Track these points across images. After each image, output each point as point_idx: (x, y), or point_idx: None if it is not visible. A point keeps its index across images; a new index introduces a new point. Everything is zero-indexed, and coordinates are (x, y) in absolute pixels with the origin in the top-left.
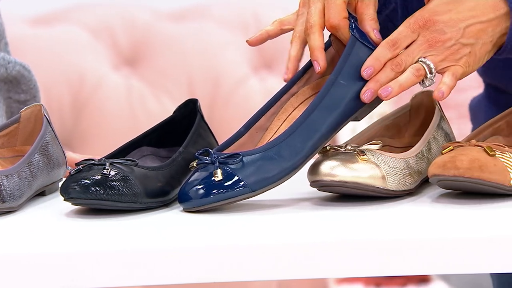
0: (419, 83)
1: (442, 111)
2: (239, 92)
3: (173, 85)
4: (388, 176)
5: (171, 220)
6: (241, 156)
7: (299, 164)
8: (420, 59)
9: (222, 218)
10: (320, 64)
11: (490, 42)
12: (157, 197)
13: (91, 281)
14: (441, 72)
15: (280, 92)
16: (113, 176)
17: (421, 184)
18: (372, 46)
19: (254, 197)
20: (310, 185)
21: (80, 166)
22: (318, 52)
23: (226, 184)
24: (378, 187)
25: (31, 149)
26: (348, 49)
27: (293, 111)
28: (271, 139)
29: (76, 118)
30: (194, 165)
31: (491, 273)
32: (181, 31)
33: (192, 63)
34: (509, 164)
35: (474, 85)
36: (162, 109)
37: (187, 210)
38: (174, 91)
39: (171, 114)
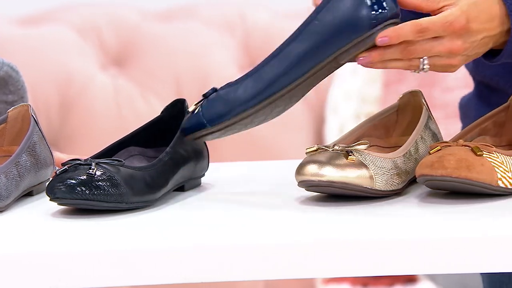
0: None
1: (430, 111)
2: None
3: (160, 85)
4: (375, 176)
5: (157, 220)
6: (216, 91)
7: (257, 101)
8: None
9: (208, 218)
10: None
11: (482, 52)
12: (143, 197)
13: (78, 281)
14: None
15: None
16: (99, 176)
17: (408, 184)
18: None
19: (240, 198)
20: (297, 185)
21: (66, 166)
22: None
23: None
24: (365, 187)
25: (18, 149)
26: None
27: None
28: None
29: (63, 118)
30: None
31: (481, 273)
32: (169, 32)
33: (179, 63)
34: (496, 164)
35: (461, 85)
36: (150, 109)
37: None
38: (161, 91)
39: (159, 114)
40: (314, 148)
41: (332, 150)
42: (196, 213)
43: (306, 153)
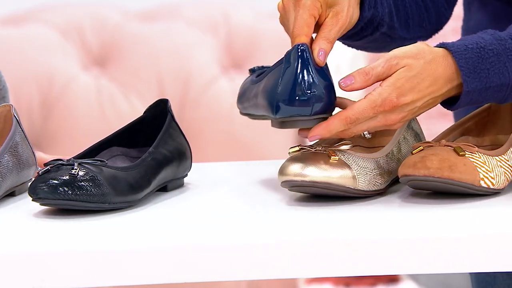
0: None
1: None
2: (209, 92)
3: (143, 86)
4: (358, 176)
5: (140, 221)
6: None
7: None
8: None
9: (191, 219)
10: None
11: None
12: (126, 198)
13: (61, 281)
14: None
15: None
16: (81, 176)
17: (391, 184)
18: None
19: (223, 198)
20: (280, 185)
21: (48, 167)
22: None
23: None
24: (348, 187)
25: (0, 150)
26: (282, 61)
27: None
28: None
29: (45, 118)
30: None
31: (469, 273)
32: (151, 32)
33: (162, 64)
34: (479, 164)
35: None
36: (132, 109)
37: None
38: (144, 91)
39: (141, 114)
40: (297, 148)
41: (315, 150)
42: (178, 213)
43: (289, 153)
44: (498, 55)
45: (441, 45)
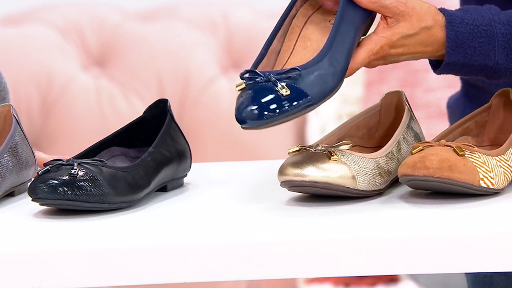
0: None
1: (412, 111)
2: (208, 92)
3: (142, 85)
4: (358, 176)
5: (140, 221)
6: (300, 71)
7: (344, 71)
8: None
9: (190, 219)
10: None
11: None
12: (125, 198)
13: (60, 281)
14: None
15: (282, 16)
16: (81, 176)
17: (391, 184)
18: None
19: (222, 198)
20: (280, 185)
21: (48, 167)
22: None
23: (294, 97)
24: (348, 187)
25: (0, 150)
26: None
27: (301, 31)
28: (290, 59)
29: (45, 118)
30: (243, 86)
31: (466, 274)
32: (150, 31)
33: (161, 63)
34: (478, 164)
35: (443, 85)
36: (132, 109)
37: (255, 127)
38: (143, 91)
39: (141, 114)
40: (297, 148)
41: (315, 150)
42: (178, 214)
43: (288, 153)
44: (490, 37)
45: (442, 11)
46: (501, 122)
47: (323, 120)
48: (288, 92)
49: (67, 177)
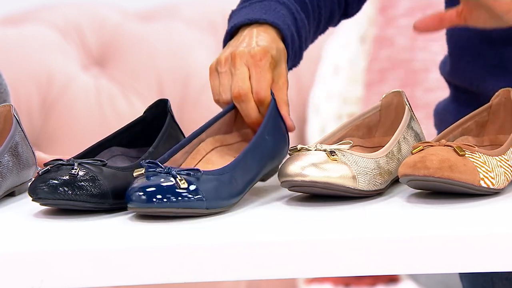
0: None
1: (412, 111)
2: (208, 92)
3: (142, 86)
4: (358, 176)
5: (140, 221)
6: (201, 172)
7: (239, 194)
8: None
9: (190, 218)
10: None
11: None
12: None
13: (60, 281)
14: None
15: (191, 135)
16: (81, 176)
17: (391, 184)
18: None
19: None
20: (280, 185)
21: (48, 167)
22: (257, 124)
23: (187, 193)
24: (348, 187)
25: (0, 150)
26: (272, 111)
27: (206, 154)
28: None
29: (45, 118)
30: (142, 172)
31: (460, 274)
32: (150, 31)
33: (161, 63)
34: (479, 164)
35: (443, 85)
36: (132, 109)
37: (134, 211)
38: (143, 91)
39: (141, 114)
40: (297, 148)
41: (315, 150)
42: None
43: (288, 153)
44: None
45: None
46: (502, 122)
47: (323, 120)
48: (185, 186)
49: (67, 177)
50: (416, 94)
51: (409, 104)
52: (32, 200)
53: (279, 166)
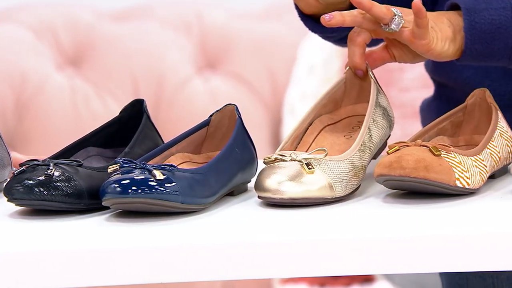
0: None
1: (378, 83)
2: (183, 92)
3: (117, 86)
4: (335, 184)
5: (116, 221)
6: (176, 168)
7: (216, 193)
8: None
9: (166, 219)
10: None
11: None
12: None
13: (36, 282)
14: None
15: (163, 147)
16: (57, 176)
17: (368, 184)
18: None
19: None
20: (258, 197)
21: (24, 167)
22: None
23: (162, 186)
24: (326, 198)
25: None
26: (239, 128)
27: (179, 164)
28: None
29: (19, 118)
30: (117, 167)
31: (440, 274)
32: (124, 31)
33: (135, 63)
34: (454, 164)
35: (418, 85)
36: (106, 109)
37: (109, 203)
38: (118, 91)
39: (116, 114)
40: (272, 158)
41: (290, 159)
42: (153, 214)
43: (263, 161)
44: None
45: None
46: (477, 122)
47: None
48: (162, 178)
49: (43, 177)
50: (391, 94)
51: (373, 75)
52: (8, 201)
53: (255, 179)
